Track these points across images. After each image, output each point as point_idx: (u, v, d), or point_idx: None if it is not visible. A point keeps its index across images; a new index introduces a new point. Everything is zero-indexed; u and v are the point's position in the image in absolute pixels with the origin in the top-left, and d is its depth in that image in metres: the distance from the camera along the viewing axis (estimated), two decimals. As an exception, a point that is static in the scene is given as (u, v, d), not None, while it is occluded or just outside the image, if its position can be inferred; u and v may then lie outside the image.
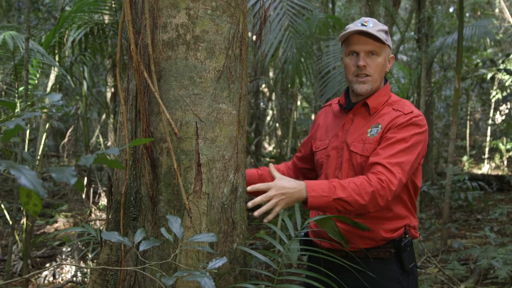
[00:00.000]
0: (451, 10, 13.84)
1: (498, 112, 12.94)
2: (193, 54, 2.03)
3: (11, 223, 3.92)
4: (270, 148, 14.69)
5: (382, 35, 2.21)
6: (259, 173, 2.52)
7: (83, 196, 7.47)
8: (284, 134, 11.00)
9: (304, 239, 2.40)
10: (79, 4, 5.15)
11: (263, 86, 11.24)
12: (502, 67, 7.21)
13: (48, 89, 6.08)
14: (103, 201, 7.10)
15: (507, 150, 12.26)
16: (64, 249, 5.57)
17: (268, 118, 13.21)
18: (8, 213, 4.74)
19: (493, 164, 12.89)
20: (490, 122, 13.28)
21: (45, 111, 4.94)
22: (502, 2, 11.18)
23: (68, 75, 5.78)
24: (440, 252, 5.90)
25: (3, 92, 5.60)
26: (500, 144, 12.33)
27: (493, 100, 12.34)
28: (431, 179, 9.29)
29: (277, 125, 11.87)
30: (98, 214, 6.58)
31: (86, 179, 7.37)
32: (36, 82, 5.12)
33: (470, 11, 15.26)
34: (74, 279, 5.00)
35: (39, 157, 5.64)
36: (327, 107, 2.56)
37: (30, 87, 4.74)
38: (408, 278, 2.26)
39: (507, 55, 7.17)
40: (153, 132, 2.05)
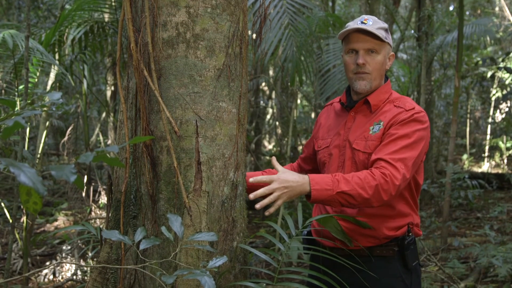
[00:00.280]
0: (451, 8, 13.83)
1: (498, 111, 12.94)
2: (193, 53, 2.02)
3: (11, 221, 3.92)
4: (270, 147, 14.68)
5: (382, 33, 2.21)
6: (264, 175, 2.52)
7: (83, 194, 7.47)
8: (284, 132, 11.00)
9: (307, 238, 2.40)
10: (79, 3, 5.14)
11: (263, 84, 11.23)
12: (502, 65, 7.20)
13: (48, 87, 6.08)
14: (103, 199, 7.11)
15: (507, 149, 12.26)
16: (64, 247, 5.57)
17: (268, 117, 13.20)
18: (8, 211, 4.74)
19: (493, 163, 12.89)
20: (490, 120, 13.28)
21: (45, 109, 4.94)
22: (502, 1, 11.17)
23: (68, 73, 5.78)
24: (440, 250, 5.91)
25: (3, 91, 5.60)
26: (500, 143, 12.32)
27: (493, 99, 12.34)
28: (431, 177, 9.29)
29: (277, 123, 11.87)
30: (98, 212, 6.58)
31: (86, 177, 7.37)
32: (36, 80, 5.12)
33: (470, 9, 15.26)
34: (74, 277, 5.00)
35: (39, 155, 5.64)
36: (329, 106, 2.56)
37: (30, 85, 4.73)
38: (411, 276, 2.26)
39: (507, 53, 7.16)
40: (153, 131, 2.04)
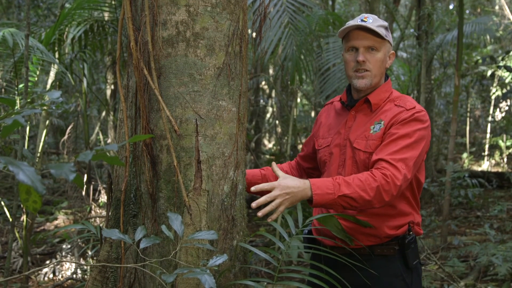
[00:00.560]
0: (451, 7, 13.83)
1: (498, 109, 12.94)
2: (193, 51, 2.02)
3: (11, 220, 3.92)
4: (270, 145, 14.68)
5: (382, 31, 2.21)
6: (262, 173, 2.51)
7: (83, 193, 7.47)
8: (284, 131, 11.00)
9: (307, 237, 2.40)
10: (79, 1, 5.14)
11: (263, 83, 11.23)
12: (502, 64, 7.19)
13: (48, 86, 6.08)
14: (103, 198, 7.11)
15: (507, 147, 12.26)
16: (64, 246, 5.57)
17: (268, 115, 13.20)
18: (8, 210, 4.75)
19: (493, 161, 12.90)
20: (490, 119, 13.28)
21: (45, 108, 4.94)
22: (502, -1, 11.17)
23: (68, 72, 5.78)
24: (440, 249, 5.91)
25: (3, 89, 5.60)
26: (500, 141, 12.32)
27: (493, 97, 12.34)
28: (431, 176, 9.29)
29: (277, 122, 11.87)
30: (98, 211, 6.59)
31: (86, 176, 7.37)
32: (36, 79, 5.12)
33: (470, 8, 15.25)
34: (74, 276, 5.00)
35: (39, 154, 5.64)
36: (329, 105, 2.55)
37: (30, 84, 4.74)
38: (412, 275, 2.25)
39: (507, 52, 7.15)
40: (153, 129, 2.04)
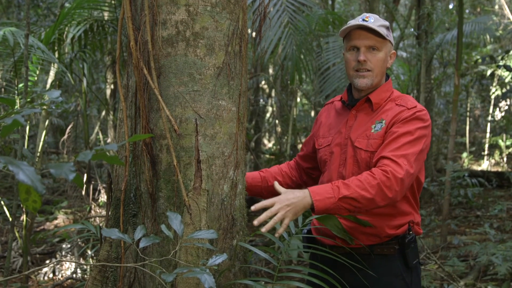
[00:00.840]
0: (450, 6, 13.82)
1: (498, 109, 12.94)
2: (192, 51, 2.02)
3: (10, 219, 3.92)
4: (270, 145, 14.67)
5: (383, 30, 2.21)
6: (261, 175, 2.51)
7: (83, 193, 7.47)
8: (284, 130, 11.00)
9: (307, 237, 2.40)
10: (79, 1, 5.14)
11: (263, 82, 11.23)
12: (501, 63, 7.19)
13: (48, 85, 6.08)
14: (103, 198, 7.11)
15: (507, 147, 12.26)
16: (64, 245, 5.57)
17: (268, 115, 13.19)
18: (8, 210, 4.74)
19: (492, 161, 12.89)
20: (489, 118, 13.28)
21: (44, 107, 4.94)
22: (502, -1, 11.16)
23: (67, 71, 5.78)
24: (439, 248, 5.91)
25: (3, 89, 5.60)
26: (500, 141, 12.32)
27: (492, 97, 12.33)
28: (431, 175, 9.29)
29: (276, 121, 11.86)
30: (98, 211, 6.58)
31: (85, 176, 7.37)
32: (35, 78, 5.12)
33: (469, 7, 15.24)
34: (74, 275, 5.00)
35: (38, 153, 5.64)
36: (329, 105, 2.54)
37: (29, 83, 4.73)
38: (412, 274, 2.25)
39: (507, 52, 7.15)
40: (152, 129, 2.04)
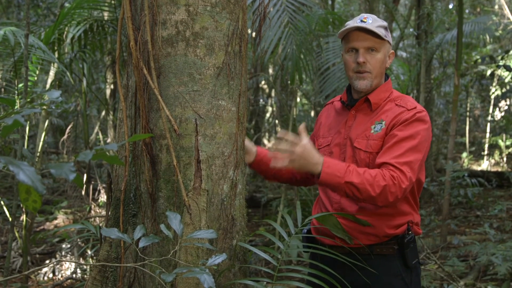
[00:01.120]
0: (450, 6, 13.82)
1: (498, 109, 12.94)
2: (192, 51, 2.02)
3: (10, 219, 3.92)
4: (270, 145, 14.67)
5: (381, 31, 2.21)
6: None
7: (83, 193, 7.47)
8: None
9: (306, 236, 2.40)
10: (79, 1, 5.14)
11: (263, 82, 11.23)
12: (501, 63, 7.19)
13: (48, 85, 6.08)
14: (103, 198, 7.11)
15: (507, 147, 12.25)
16: (63, 245, 5.57)
17: (268, 115, 13.19)
18: (8, 210, 4.74)
19: (492, 161, 12.89)
20: (489, 118, 13.28)
21: (44, 107, 4.95)
22: (501, -1, 11.17)
23: (67, 71, 5.78)
24: (439, 248, 5.91)
25: (3, 89, 5.60)
26: (500, 141, 12.32)
27: (492, 97, 12.33)
28: (431, 175, 9.29)
29: (276, 121, 11.86)
30: (98, 211, 6.58)
31: (85, 176, 7.36)
32: (35, 78, 5.12)
33: (469, 7, 15.24)
34: (74, 275, 5.00)
35: (38, 153, 5.64)
36: (330, 105, 2.54)
37: (29, 83, 4.73)
38: (411, 274, 2.25)
39: (507, 52, 7.15)
40: (152, 129, 2.05)
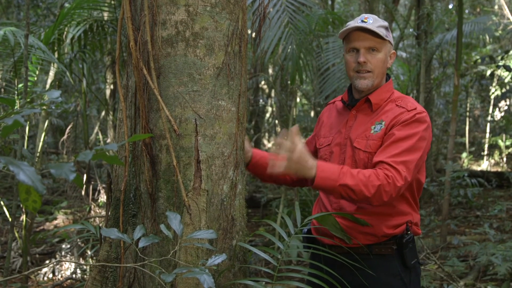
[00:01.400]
0: (450, 6, 13.82)
1: (498, 109, 12.94)
2: (192, 51, 2.02)
3: (10, 220, 3.92)
4: (270, 145, 14.68)
5: (382, 31, 2.21)
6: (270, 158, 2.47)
7: (83, 193, 7.47)
8: (284, 131, 10.96)
9: (306, 236, 2.40)
10: (78, 1, 5.14)
11: (263, 83, 11.23)
12: (501, 63, 7.20)
13: (48, 86, 6.08)
14: (103, 198, 7.11)
15: (506, 147, 12.26)
16: (63, 246, 5.57)
17: (268, 115, 13.20)
18: (8, 210, 4.74)
19: (492, 161, 12.89)
20: (489, 118, 13.28)
21: (44, 108, 4.94)
22: (501, -1, 11.17)
23: (67, 72, 5.78)
24: (439, 248, 5.90)
25: (3, 89, 5.60)
26: (500, 141, 12.32)
27: (492, 97, 12.33)
28: (431, 175, 9.29)
29: (276, 122, 11.87)
30: (98, 211, 6.58)
31: (85, 176, 7.36)
32: (35, 79, 5.12)
33: (469, 7, 15.24)
34: (74, 276, 5.00)
35: (38, 154, 5.64)
36: (331, 105, 2.55)
37: (29, 84, 4.73)
38: (410, 274, 2.25)
39: (506, 52, 7.15)
40: (152, 129, 2.05)
